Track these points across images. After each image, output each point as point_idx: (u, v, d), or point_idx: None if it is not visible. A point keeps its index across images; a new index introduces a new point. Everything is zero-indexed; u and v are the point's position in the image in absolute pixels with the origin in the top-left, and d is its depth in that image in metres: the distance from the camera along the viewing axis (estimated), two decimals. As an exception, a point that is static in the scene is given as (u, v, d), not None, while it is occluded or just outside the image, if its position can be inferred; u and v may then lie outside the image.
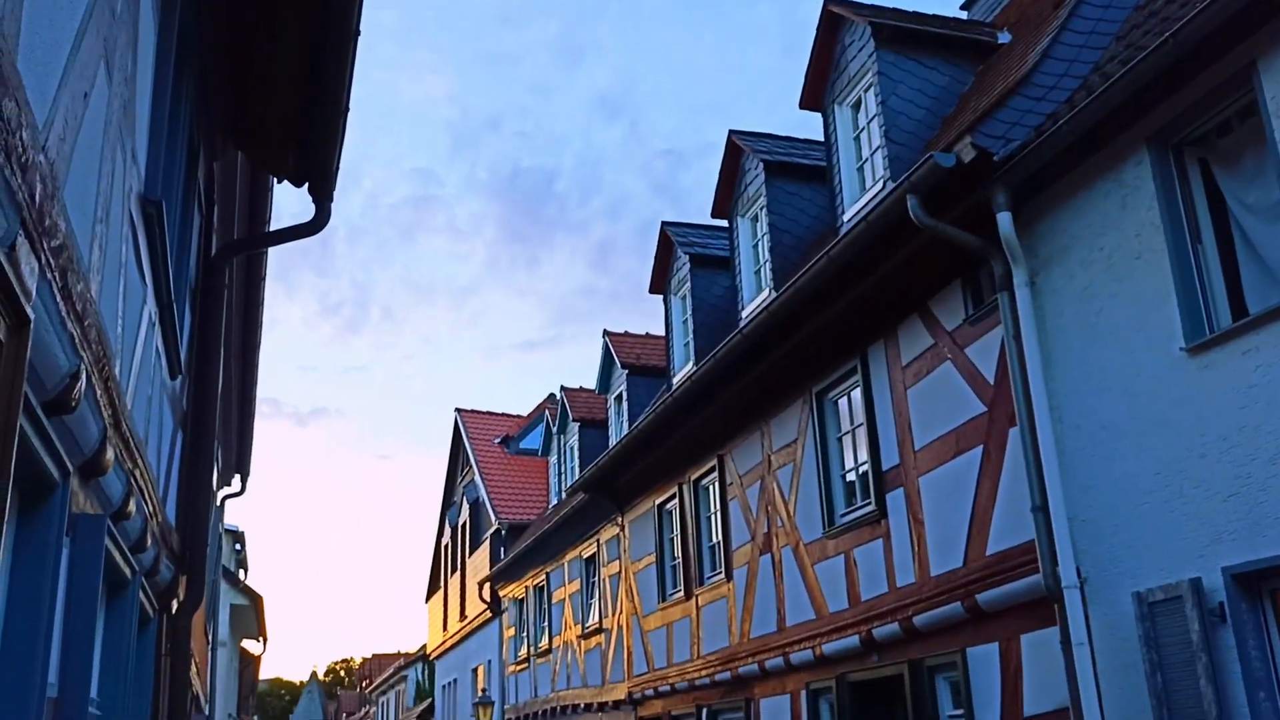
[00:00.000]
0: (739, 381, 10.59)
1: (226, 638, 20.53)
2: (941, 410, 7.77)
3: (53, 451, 3.13)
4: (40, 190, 2.42)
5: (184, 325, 6.30)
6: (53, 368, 2.86)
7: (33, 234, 2.39)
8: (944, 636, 7.66)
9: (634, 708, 13.95)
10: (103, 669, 4.71)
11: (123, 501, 4.29)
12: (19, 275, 2.29)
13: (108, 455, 3.75)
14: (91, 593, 3.82)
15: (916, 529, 7.99)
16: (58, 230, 2.63)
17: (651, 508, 13.61)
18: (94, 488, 3.98)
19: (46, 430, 3.02)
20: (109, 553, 4.26)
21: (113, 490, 4.15)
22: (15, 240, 2.27)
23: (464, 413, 27.01)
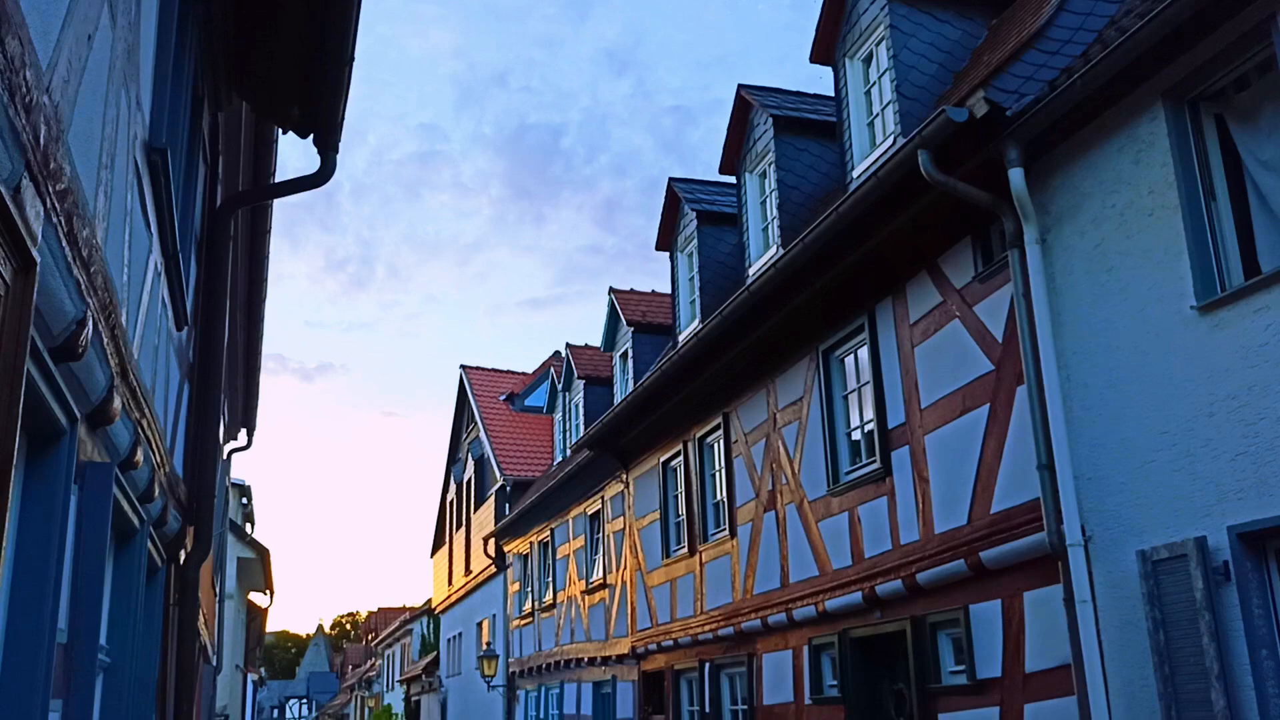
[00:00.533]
0: (745, 339, 10.57)
1: (234, 590, 20.73)
2: (948, 368, 7.75)
3: (60, 398, 3.13)
4: (45, 132, 2.39)
5: (189, 277, 6.29)
6: (59, 313, 2.84)
7: (38, 176, 2.37)
8: (947, 593, 7.71)
9: (637, 662, 14.09)
10: (112, 617, 4.75)
11: (130, 451, 4.30)
12: (24, 217, 2.27)
13: (115, 404, 3.75)
14: (100, 540, 3.84)
15: (921, 487, 8.00)
16: (63, 174, 2.60)
17: (656, 465, 13.65)
18: (101, 436, 3.98)
19: (54, 377, 3.01)
20: (117, 501, 4.28)
21: (120, 439, 4.16)
22: (20, 182, 2.25)
23: (469, 370, 27.05)
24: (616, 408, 13.77)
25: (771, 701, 10.29)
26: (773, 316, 9.96)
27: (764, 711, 10.41)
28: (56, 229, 2.63)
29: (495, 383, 26.53)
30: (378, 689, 44.72)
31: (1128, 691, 5.97)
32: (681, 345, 11.79)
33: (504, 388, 26.27)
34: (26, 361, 2.44)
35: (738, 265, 12.45)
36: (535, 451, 23.32)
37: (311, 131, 6.30)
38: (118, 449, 4.19)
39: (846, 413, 9.39)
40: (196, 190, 6.34)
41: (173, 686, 6.84)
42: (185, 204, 5.72)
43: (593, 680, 16.13)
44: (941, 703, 7.74)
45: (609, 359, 18.28)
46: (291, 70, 6.01)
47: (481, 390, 25.95)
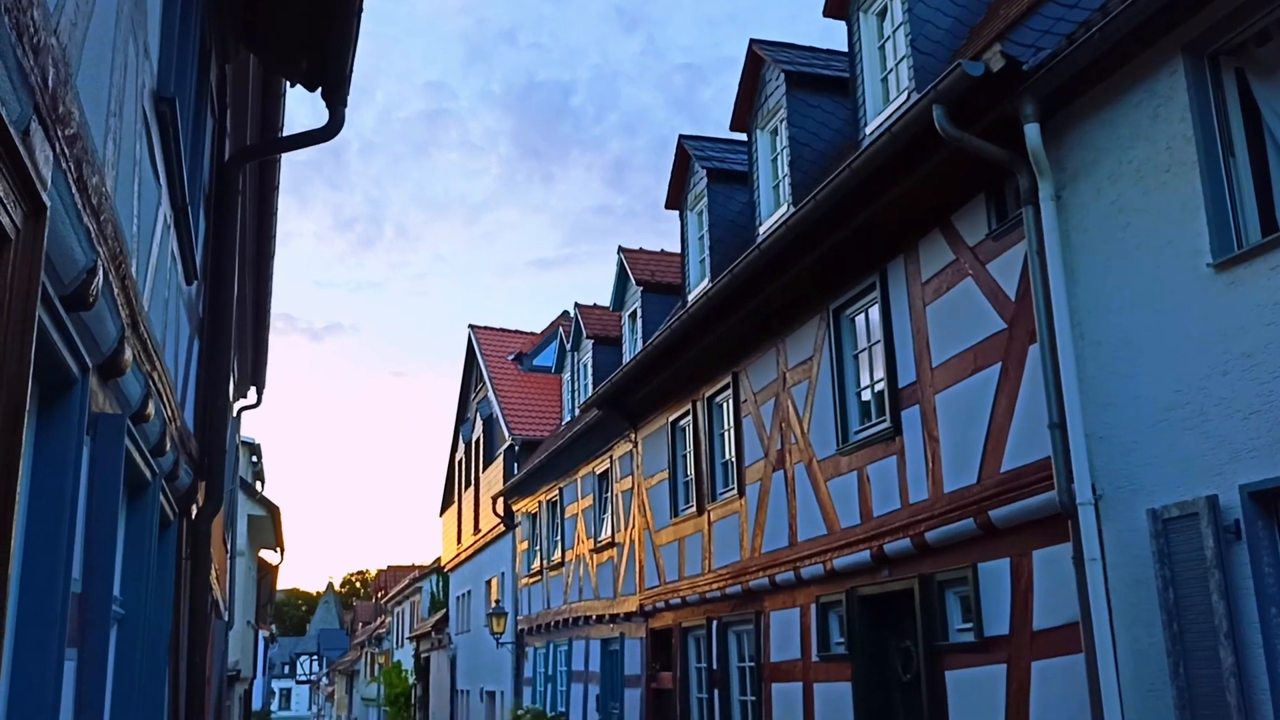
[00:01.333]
0: (755, 298, 10.54)
1: (244, 547, 20.90)
2: (960, 327, 7.72)
3: (72, 347, 3.13)
4: (53, 74, 2.37)
5: (199, 231, 6.28)
6: (70, 261, 2.83)
7: (46, 120, 2.35)
8: (955, 552, 7.73)
9: (645, 619, 14.20)
10: (125, 568, 4.79)
11: (141, 403, 4.32)
12: (34, 161, 2.26)
13: (126, 355, 3.76)
14: (113, 491, 3.86)
15: (931, 446, 8.00)
16: (71, 119, 2.58)
17: (665, 424, 13.68)
18: (113, 388, 3.99)
19: (65, 325, 3.01)
20: (129, 454, 4.29)
21: (131, 391, 4.17)
22: (29, 124, 2.23)
23: (478, 329, 27.07)
24: (625, 367, 13.77)
25: (778, 659, 10.37)
26: (783, 275, 9.92)
27: (771, 668, 10.50)
28: (66, 175, 2.62)
29: (504, 342, 26.55)
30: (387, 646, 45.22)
31: (1136, 649, 5.99)
32: (691, 304, 11.75)
33: (512, 347, 26.30)
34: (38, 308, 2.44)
35: (748, 224, 12.38)
36: (544, 411, 23.38)
37: (320, 84, 6.25)
38: (129, 401, 4.20)
39: (857, 372, 9.37)
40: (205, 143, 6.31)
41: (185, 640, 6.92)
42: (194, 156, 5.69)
43: (601, 638, 16.27)
44: (948, 660, 7.79)
45: (618, 319, 18.25)
46: (299, 21, 5.95)
47: (490, 350, 25.98)
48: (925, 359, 8.14)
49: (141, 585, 4.87)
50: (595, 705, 16.22)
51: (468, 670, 26.12)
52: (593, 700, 16.42)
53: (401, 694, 35.86)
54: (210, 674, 11.39)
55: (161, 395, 4.79)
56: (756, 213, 11.75)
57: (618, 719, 15.24)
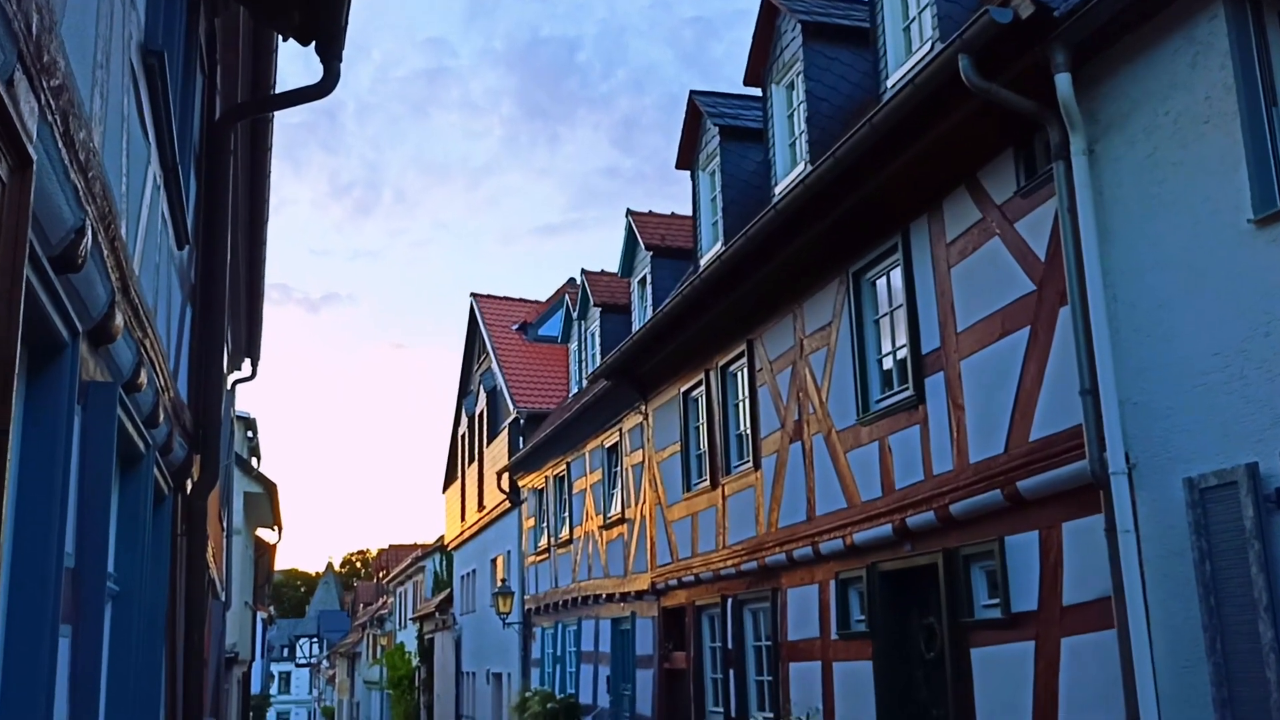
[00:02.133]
0: (770, 262, 10.52)
1: (241, 526, 21.05)
2: (987, 290, 7.70)
3: (61, 310, 3.14)
4: (37, 21, 2.36)
5: (189, 192, 6.27)
6: (57, 220, 2.83)
7: (31, 69, 2.34)
8: (981, 525, 7.74)
9: (657, 598, 14.28)
10: (119, 544, 4.83)
11: (133, 371, 4.33)
12: (19, 112, 2.25)
13: (116, 321, 3.77)
14: (105, 462, 3.88)
15: (956, 415, 8.00)
16: (56, 69, 2.57)
17: (676, 395, 13.69)
18: (103, 355, 4.01)
19: (54, 287, 3.02)
20: (121, 424, 4.32)
21: (123, 359, 4.18)
22: (13, 74, 2.22)
23: (480, 298, 27.09)
24: (635, 336, 13.78)
25: (796, 637, 10.43)
26: (800, 237, 9.89)
27: (788, 647, 10.56)
28: (52, 128, 2.61)
29: (508, 311, 26.57)
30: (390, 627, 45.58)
31: (1170, 624, 6.00)
32: (703, 269, 11.73)
33: (517, 317, 26.32)
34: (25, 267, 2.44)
35: (763, 183, 12.33)
36: (550, 383, 23.42)
37: (313, 38, 6.22)
38: (120, 369, 4.21)
39: (878, 338, 9.36)
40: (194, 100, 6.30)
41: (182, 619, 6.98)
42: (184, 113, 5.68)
43: (611, 617, 16.38)
44: (974, 637, 7.82)
45: (627, 285, 18.25)
46: (291, -29, 5.91)
47: (493, 319, 26.01)
48: (950, 323, 8.12)
49: (136, 561, 4.92)
50: (606, 687, 16.35)
51: (473, 652, 26.34)
52: (603, 682, 16.55)
53: (405, 677, 36.20)
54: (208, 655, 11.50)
55: (154, 364, 4.80)
56: (772, 172, 11.69)
57: (629, 701, 15.37)
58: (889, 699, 8.81)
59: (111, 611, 4.75)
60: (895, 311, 9.05)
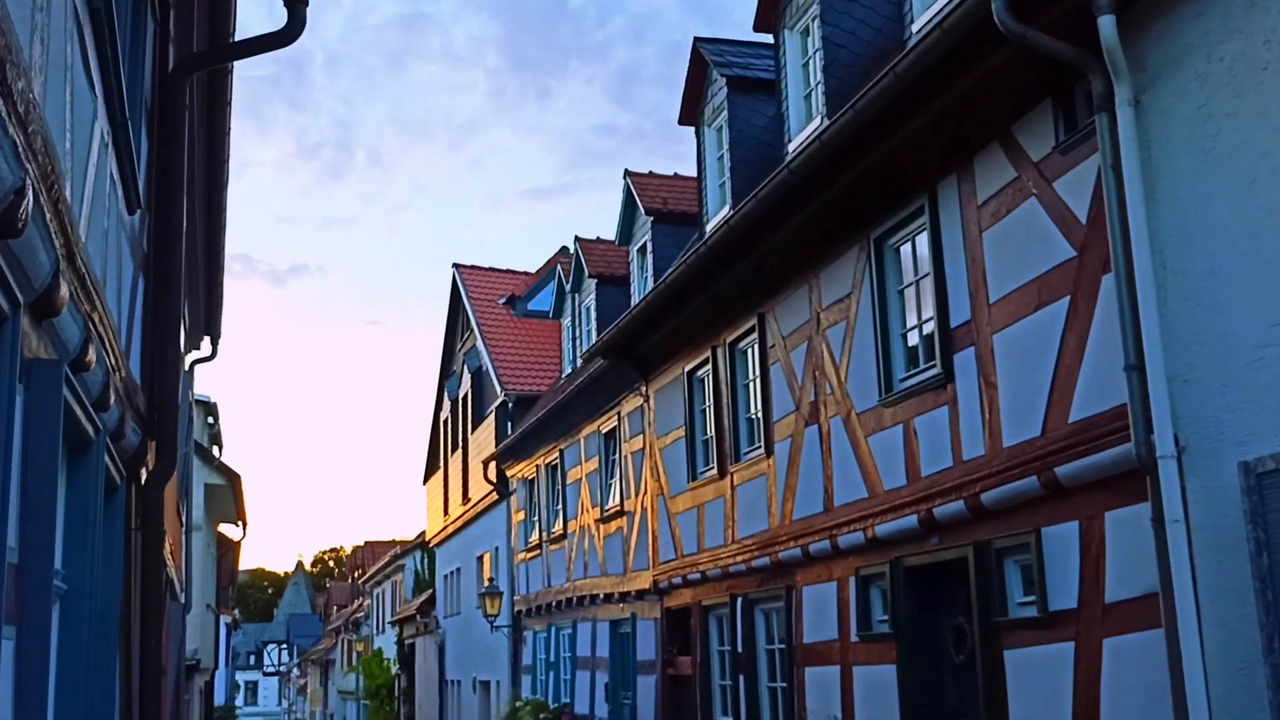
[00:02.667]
0: (784, 227, 10.51)
1: (202, 521, 21.12)
2: (1023, 256, 7.70)
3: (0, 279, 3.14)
4: (-32, -44, 2.35)
5: (140, 151, 6.26)
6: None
7: (-38, 10, 2.33)
8: (1015, 515, 7.77)
9: (660, 598, 14.34)
10: (67, 538, 4.85)
11: (81, 348, 4.34)
12: (-51, 57, 2.24)
13: (61, 292, 3.77)
14: (51, 447, 3.89)
15: (988, 394, 8.02)
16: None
17: (680, 375, 13.71)
18: (47, 330, 4.01)
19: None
20: (68, 406, 4.32)
21: (69, 334, 4.19)
22: (-58, 15, 2.21)
23: (463, 270, 27.10)
24: (634, 309, 13.78)
25: (813, 640, 10.48)
26: (816, 199, 9.88)
27: (804, 651, 10.61)
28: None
29: (494, 284, 26.59)
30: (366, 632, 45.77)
31: (1223, 622, 6.02)
32: (709, 235, 11.72)
33: (504, 290, 26.33)
34: (-41, 231, 2.43)
35: (775, 140, 12.31)
36: (541, 362, 23.45)
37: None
38: (66, 346, 4.22)
39: (902, 310, 9.37)
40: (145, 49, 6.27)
41: (137, 622, 7.01)
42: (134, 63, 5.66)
43: (609, 619, 16.45)
44: (1007, 638, 7.86)
45: (625, 254, 18.24)
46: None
47: (478, 293, 26.02)
48: (981, 294, 8.13)
49: (86, 557, 4.93)
50: (604, 695, 16.44)
51: (458, 658, 26.47)
52: (601, 689, 16.64)
53: (383, 685, 36.39)
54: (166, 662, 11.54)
55: (104, 340, 4.80)
56: (785, 127, 11.66)
57: (630, 710, 15.46)
58: (914, 706, 8.85)
59: (59, 612, 4.77)
60: (921, 281, 9.04)
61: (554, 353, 23.39)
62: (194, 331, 13.78)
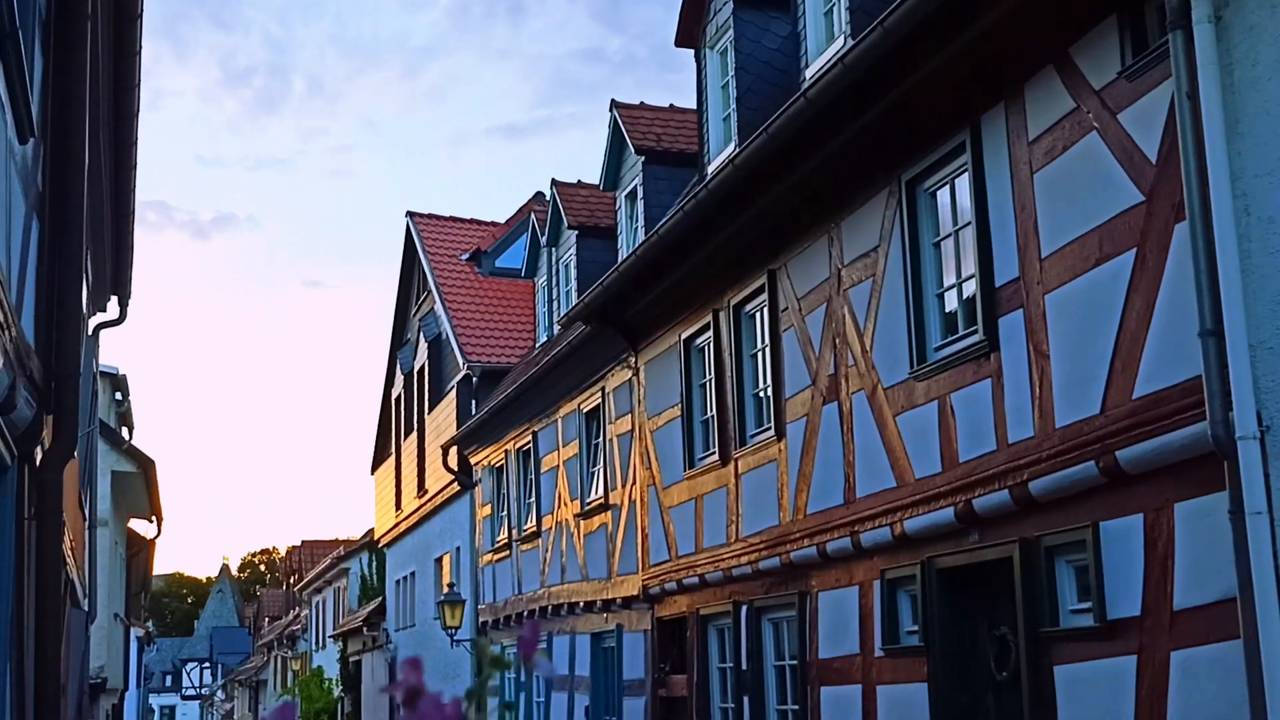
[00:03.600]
0: (799, 168, 10.52)
1: (109, 515, 21.12)
2: (1081, 202, 7.71)
3: None
4: None
5: (34, 70, 6.22)
6: None
7: None
8: (1070, 507, 7.81)
9: (650, 606, 14.40)
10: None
11: (-38, 300, 4.32)
12: None
13: (-61, 231, 3.75)
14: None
15: (1039, 365, 8.04)
16: None
17: (676, 344, 13.72)
18: (-77, 277, 3.99)
19: None
20: (-52, 368, 4.31)
21: (-52, 283, 4.17)
22: None
23: (419, 219, 27.06)
24: (622, 265, 13.78)
25: (830, 654, 10.55)
26: (838, 135, 9.88)
27: (820, 667, 10.68)
28: None
29: (455, 236, 26.54)
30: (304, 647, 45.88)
31: (1311, 632, 6.07)
32: (711, 177, 11.71)
33: (467, 243, 26.29)
34: None
35: (789, 66, 12.29)
36: (511, 329, 23.45)
37: None
38: (-55, 296, 4.20)
39: (938, 266, 9.38)
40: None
41: (31, 629, 7.02)
42: (23, -37, 5.61)
43: (590, 631, 16.52)
44: (1058, 651, 7.91)
45: (611, 201, 18.21)
46: None
47: (436, 247, 25.98)
48: (1032, 246, 8.14)
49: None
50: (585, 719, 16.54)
51: (412, 678, 26.52)
52: (580, 713, 16.72)
53: (324, 710, 36.49)
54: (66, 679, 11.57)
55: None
56: (801, 49, 11.64)
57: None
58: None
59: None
60: (961, 231, 9.06)
61: (526, 318, 23.39)
62: (99, 291, 13.74)
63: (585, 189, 19.76)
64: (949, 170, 9.17)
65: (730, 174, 10.98)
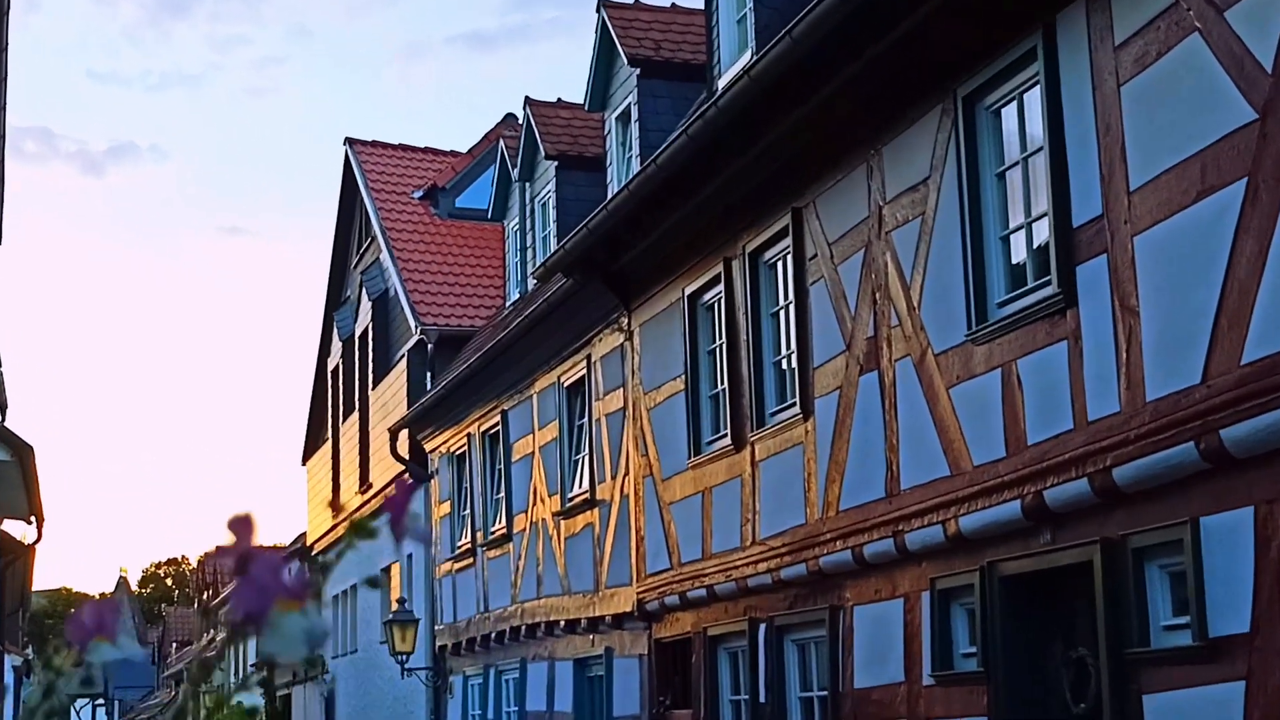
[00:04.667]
0: (830, 80, 10.49)
1: (-25, 514, 21.10)
2: (1179, 121, 7.70)
3: None
4: None
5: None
6: None
7: None
8: (1163, 500, 7.81)
9: (647, 625, 14.42)
10: None
11: None
12: None
13: None
14: None
15: (1126, 323, 8.04)
16: None
17: (678, 301, 13.72)
18: None
19: None
20: None
21: None
22: None
23: (361, 147, 26.96)
24: (611, 202, 13.75)
25: (867, 684, 10.57)
26: (878, 39, 9.86)
27: (856, 700, 10.70)
28: None
29: (406, 168, 26.51)
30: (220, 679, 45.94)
31: None
32: (721, 93, 11.67)
33: (422, 178, 26.25)
34: None
35: (820, -46, 12.23)
36: (474, 284, 23.43)
37: None
38: None
39: (1002, 203, 9.37)
40: None
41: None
42: None
43: (573, 656, 16.56)
44: (1148, 677, 7.93)
45: (598, 124, 18.16)
46: None
47: (382, 182, 25.94)
48: (1118, 177, 8.13)
49: None
50: (565, 767, 16.59)
51: (354, 715, 26.59)
52: (561, 759, 16.77)
53: (245, 757, 36.61)
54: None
55: None
56: (834, -66, 11.59)
57: (602, 788, 15.60)
58: (1013, 777, 8.97)
59: None
60: (1031, 159, 9.04)
61: (494, 270, 23.33)
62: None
63: (567, 109, 19.72)
64: (1017, 82, 9.15)
65: (746, 88, 10.93)
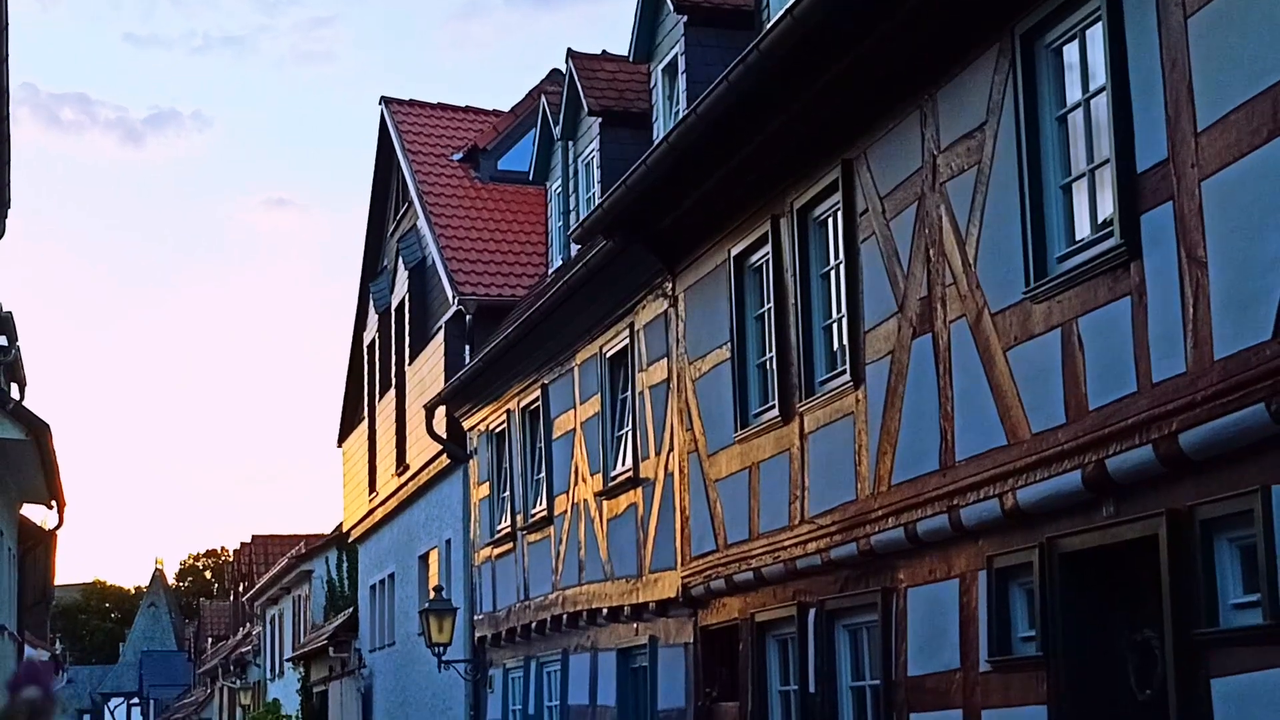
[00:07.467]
0: (881, 24, 10.45)
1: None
2: (1250, 56, 7.63)
3: None
4: None
5: None
6: None
7: None
8: (1234, 468, 7.77)
9: (693, 612, 14.43)
10: None
11: None
12: None
13: None
14: None
15: (1193, 275, 7.98)
16: None
17: (724, 263, 13.73)
18: None
19: None
20: None
21: None
22: None
23: (398, 107, 27.01)
24: (649, 157, 13.69)
25: (922, 671, 10.57)
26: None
27: (909, 689, 10.71)
28: None
29: (445, 129, 26.59)
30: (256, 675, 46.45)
31: None
32: (767, 36, 11.61)
33: (461, 139, 26.31)
34: None
35: (872, -114, 12.16)
36: (516, 251, 23.47)
37: None
38: None
39: (1064, 148, 9.32)
40: None
41: None
42: None
43: (616, 646, 16.60)
44: (1218, 659, 7.88)
45: (643, 76, 18.15)
46: None
47: (420, 145, 26.01)
48: (1185, 117, 8.07)
49: None
50: (608, 764, 16.63)
51: (392, 710, 26.76)
52: (603, 755, 16.82)
53: (281, 756, 36.97)
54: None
55: None
56: None
57: (646, 786, 15.63)
58: (1074, 770, 8.93)
59: None
60: (1092, 100, 9.00)
61: (538, 236, 23.35)
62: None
63: (611, 62, 19.76)
64: (1078, 18, 9.09)
65: (791, 28, 10.86)
